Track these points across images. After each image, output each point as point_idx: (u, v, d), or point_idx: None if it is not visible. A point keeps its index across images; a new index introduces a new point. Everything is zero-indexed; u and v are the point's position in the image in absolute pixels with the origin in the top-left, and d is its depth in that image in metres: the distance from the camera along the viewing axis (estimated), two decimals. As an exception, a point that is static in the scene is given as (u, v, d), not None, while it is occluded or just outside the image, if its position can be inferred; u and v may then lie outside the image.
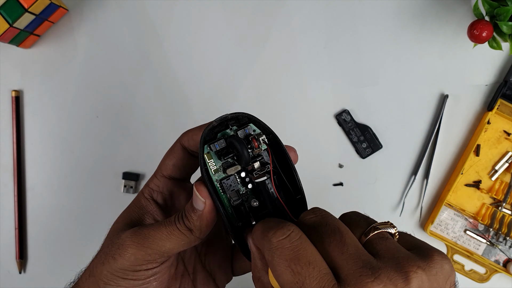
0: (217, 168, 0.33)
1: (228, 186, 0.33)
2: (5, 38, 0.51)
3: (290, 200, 0.35)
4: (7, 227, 0.57)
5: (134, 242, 0.32)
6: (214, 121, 0.33)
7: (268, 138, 0.34)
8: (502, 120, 0.55)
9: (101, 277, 0.33)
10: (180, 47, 0.57)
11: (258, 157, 0.34)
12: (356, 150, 0.56)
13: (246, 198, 0.34)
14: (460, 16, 0.55)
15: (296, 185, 0.35)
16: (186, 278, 0.37)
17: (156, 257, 0.33)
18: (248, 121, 0.34)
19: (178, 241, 0.32)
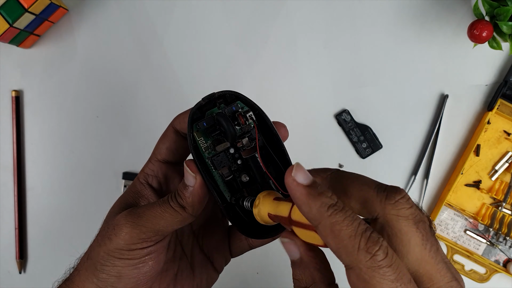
0: (207, 146, 0.34)
1: (219, 162, 0.34)
2: (5, 38, 0.51)
3: (280, 175, 0.35)
4: (7, 227, 0.57)
5: (129, 221, 0.33)
6: (201, 100, 0.34)
7: (255, 114, 0.35)
8: (502, 120, 0.55)
9: (98, 259, 0.33)
10: (180, 47, 0.57)
11: (247, 134, 0.34)
12: (356, 150, 0.56)
13: (238, 174, 0.35)
14: (460, 16, 0.55)
15: (285, 160, 0.35)
16: (184, 261, 0.38)
17: (150, 235, 0.33)
18: (236, 99, 0.35)
19: (172, 218, 0.33)
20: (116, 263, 0.33)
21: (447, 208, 0.55)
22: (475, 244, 0.56)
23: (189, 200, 0.33)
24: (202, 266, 0.38)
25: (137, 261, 0.33)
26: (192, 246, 0.39)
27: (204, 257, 0.39)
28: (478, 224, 0.55)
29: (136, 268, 0.33)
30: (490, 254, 0.55)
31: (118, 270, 0.33)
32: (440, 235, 0.56)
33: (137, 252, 0.33)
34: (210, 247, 0.39)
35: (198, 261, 0.38)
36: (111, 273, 0.33)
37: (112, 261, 0.33)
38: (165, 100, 0.57)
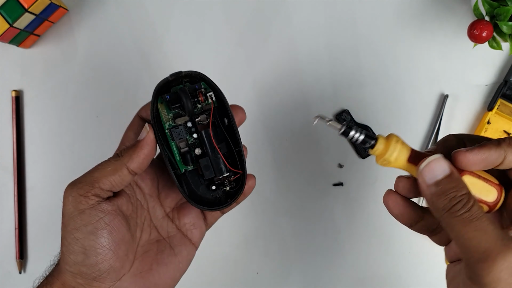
0: (168, 118, 0.38)
1: (176, 134, 0.38)
2: (5, 38, 0.51)
3: (230, 152, 0.39)
4: (7, 227, 0.57)
5: (68, 186, 0.35)
6: (169, 76, 0.38)
7: (216, 96, 0.38)
8: (502, 120, 0.55)
9: (63, 242, 0.35)
10: (180, 47, 0.57)
11: (205, 112, 0.38)
12: (356, 150, 0.56)
13: (193, 147, 0.39)
14: (460, 16, 0.55)
15: (236, 139, 0.38)
16: (163, 242, 0.40)
17: (88, 188, 0.34)
18: (200, 80, 0.38)
19: (104, 168, 0.35)
20: (76, 235, 0.34)
21: (447, 208, 0.55)
22: (475, 244, 0.55)
23: (129, 150, 0.35)
24: (181, 244, 0.40)
25: (92, 227, 0.34)
26: (167, 227, 0.40)
27: (181, 236, 0.40)
28: (478, 224, 0.55)
29: (95, 236, 0.34)
30: (490, 254, 0.55)
31: (82, 244, 0.34)
32: (440, 235, 0.56)
33: (87, 214, 0.34)
34: (188, 225, 0.41)
35: (176, 240, 0.40)
36: (76, 250, 0.34)
37: (72, 235, 0.34)
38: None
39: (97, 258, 0.34)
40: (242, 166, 0.39)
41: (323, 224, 0.57)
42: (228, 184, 0.39)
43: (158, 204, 0.41)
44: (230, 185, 0.39)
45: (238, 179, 0.39)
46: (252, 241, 0.57)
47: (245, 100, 0.57)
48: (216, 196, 0.40)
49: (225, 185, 0.39)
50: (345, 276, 0.57)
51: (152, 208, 0.40)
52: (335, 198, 0.57)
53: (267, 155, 0.57)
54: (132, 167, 0.35)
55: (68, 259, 0.34)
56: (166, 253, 0.39)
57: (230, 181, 0.39)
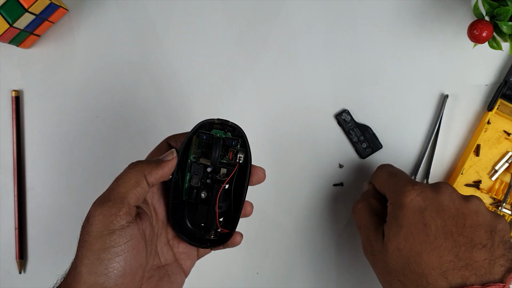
0: (196, 151, 0.41)
1: (195, 169, 0.41)
2: (5, 38, 0.51)
3: (228, 212, 0.42)
4: (7, 227, 0.57)
5: (96, 205, 0.35)
6: (216, 119, 0.40)
7: (244, 159, 0.41)
8: (502, 120, 0.55)
9: (83, 262, 0.33)
10: (180, 47, 0.57)
11: (229, 166, 0.41)
12: (356, 150, 0.57)
13: (202, 188, 0.41)
14: (460, 16, 0.55)
15: (239, 201, 0.41)
16: (162, 269, 0.41)
17: (119, 207, 0.34)
18: (240, 137, 0.41)
19: (126, 181, 0.36)
20: (102, 256, 0.33)
21: (447, 208, 0.55)
22: (475, 244, 0.56)
23: (151, 164, 0.37)
24: (176, 273, 0.41)
25: (120, 249, 0.33)
26: (167, 255, 0.42)
27: (177, 264, 0.42)
28: (478, 224, 0.55)
29: (120, 259, 0.33)
30: (490, 254, 0.55)
31: (106, 266, 0.33)
32: (440, 235, 0.56)
33: (118, 234, 0.34)
34: (182, 255, 0.42)
35: (173, 268, 0.41)
36: (99, 271, 0.33)
37: (98, 255, 0.33)
38: (165, 100, 0.57)
39: (117, 281, 0.33)
40: (232, 227, 0.41)
41: (323, 224, 0.57)
42: (213, 235, 0.42)
43: (165, 231, 0.42)
44: (214, 236, 0.42)
45: (223, 234, 0.42)
46: (252, 241, 0.57)
47: (245, 100, 0.57)
48: (200, 233, 0.42)
49: (209, 234, 0.42)
50: (345, 276, 0.57)
51: (160, 234, 0.41)
52: (335, 198, 0.57)
53: (267, 155, 0.57)
54: (150, 180, 0.37)
55: (87, 279, 0.33)
56: (165, 280, 0.40)
57: (216, 233, 0.42)
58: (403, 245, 0.40)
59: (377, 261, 0.43)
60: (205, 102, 0.57)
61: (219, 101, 0.57)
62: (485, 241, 0.39)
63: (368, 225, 0.45)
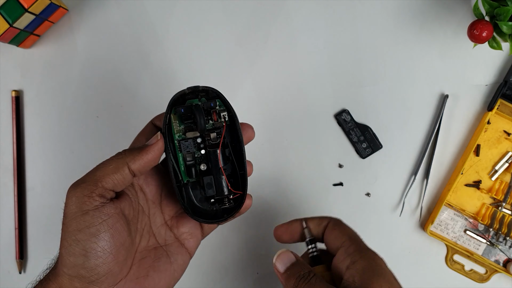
0: (179, 129, 0.39)
1: (185, 146, 0.39)
2: (5, 38, 0.51)
3: (234, 174, 0.40)
4: (7, 227, 0.57)
5: (71, 187, 0.35)
6: (186, 89, 0.39)
7: (229, 116, 0.39)
8: (502, 120, 0.55)
9: (63, 244, 0.34)
10: (180, 47, 0.57)
11: (216, 129, 0.40)
12: (356, 150, 0.56)
13: (199, 162, 0.40)
14: (460, 16, 0.55)
15: (242, 161, 0.39)
16: (160, 249, 0.40)
17: (92, 188, 0.34)
18: (216, 97, 0.39)
19: (106, 166, 0.35)
20: (78, 236, 0.34)
21: (447, 208, 0.56)
22: (475, 244, 0.56)
23: (134, 151, 0.36)
24: (177, 253, 0.40)
25: (95, 229, 0.34)
26: (165, 235, 0.41)
27: (178, 244, 0.41)
28: (478, 224, 0.55)
29: (97, 239, 0.34)
30: (490, 254, 0.55)
31: (83, 246, 0.33)
32: (440, 235, 0.56)
33: (91, 215, 0.34)
34: (185, 234, 0.41)
35: (173, 248, 0.40)
36: (77, 252, 0.33)
37: (74, 236, 0.34)
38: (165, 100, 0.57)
39: (97, 261, 0.34)
40: (243, 187, 0.39)
41: (323, 224, 0.57)
42: (227, 202, 0.40)
43: (159, 211, 0.41)
44: (229, 203, 0.40)
45: (237, 198, 0.40)
46: (252, 241, 0.57)
47: (245, 100, 0.57)
48: (213, 209, 0.41)
49: (224, 203, 0.40)
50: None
51: (153, 215, 0.40)
52: (335, 198, 0.57)
53: (267, 155, 0.57)
54: (133, 167, 0.36)
55: (67, 261, 0.34)
56: (162, 260, 0.39)
57: (229, 200, 0.40)
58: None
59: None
60: (205, 102, 0.57)
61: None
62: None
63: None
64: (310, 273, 0.38)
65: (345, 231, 0.41)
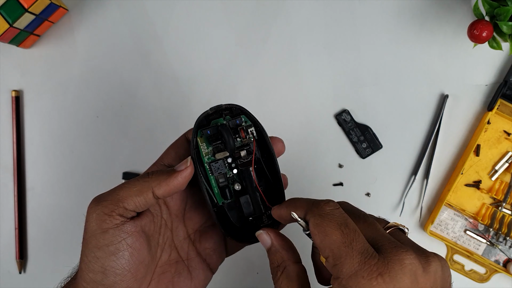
0: (207, 152, 0.38)
1: (216, 168, 0.37)
2: (5, 38, 0.51)
3: (269, 187, 0.39)
4: (7, 227, 0.57)
5: (92, 202, 0.34)
6: (209, 109, 0.38)
7: (256, 130, 0.38)
8: (502, 120, 0.55)
9: (83, 259, 0.34)
10: (180, 47, 0.57)
11: (246, 146, 0.38)
12: (356, 150, 0.56)
13: (232, 182, 0.38)
14: (460, 16, 0.55)
15: (276, 175, 0.39)
16: (181, 264, 0.39)
17: (112, 208, 0.33)
18: (240, 113, 0.38)
19: (130, 188, 0.34)
20: (97, 254, 0.33)
21: (447, 208, 0.56)
22: (475, 244, 0.56)
23: (161, 176, 0.35)
24: (199, 268, 0.39)
25: (114, 247, 0.33)
26: (188, 249, 0.39)
27: (200, 259, 0.40)
28: (478, 224, 0.55)
29: (116, 257, 0.33)
30: (490, 254, 0.55)
31: (102, 263, 0.33)
32: (440, 235, 0.56)
33: (111, 233, 0.33)
34: (208, 250, 0.40)
35: (195, 263, 0.39)
36: (96, 268, 0.33)
37: (93, 253, 0.33)
38: (165, 100, 0.57)
39: (116, 278, 0.33)
40: (282, 200, 0.38)
41: (323, 224, 0.57)
42: (266, 219, 0.39)
43: (182, 225, 0.40)
44: (268, 220, 0.39)
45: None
46: (252, 241, 0.57)
47: (245, 100, 0.57)
48: (251, 228, 0.39)
49: (263, 221, 0.39)
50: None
51: (176, 228, 0.39)
52: (335, 198, 0.57)
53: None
54: (157, 192, 0.35)
55: (86, 277, 0.33)
56: (183, 276, 0.38)
57: (268, 217, 0.39)
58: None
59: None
60: (204, 102, 0.57)
61: (219, 101, 0.57)
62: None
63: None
64: (279, 267, 0.34)
65: (326, 240, 0.30)
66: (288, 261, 0.35)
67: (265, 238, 0.36)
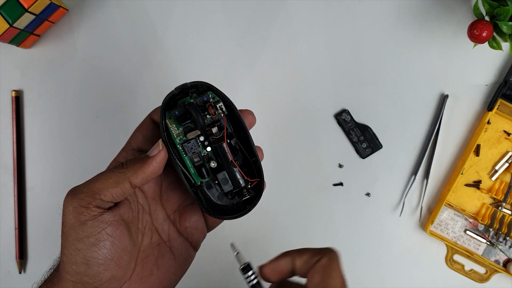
0: (178, 132, 0.37)
1: (189, 148, 0.37)
2: (5, 38, 0.51)
3: (247, 162, 0.39)
4: (7, 227, 0.57)
5: (68, 195, 0.34)
6: (174, 89, 0.37)
7: (225, 105, 0.37)
8: (502, 120, 0.55)
9: (64, 252, 0.34)
10: (180, 47, 0.57)
11: (217, 122, 0.37)
12: (356, 150, 0.56)
13: (208, 160, 0.38)
14: (460, 16, 0.55)
15: (250, 148, 0.38)
16: (163, 245, 0.39)
17: (89, 200, 0.33)
18: (207, 90, 0.37)
19: (106, 179, 0.34)
20: (77, 246, 0.33)
21: (447, 208, 0.56)
22: (475, 244, 0.56)
23: (137, 164, 0.34)
24: (181, 247, 0.39)
25: (95, 238, 0.33)
26: (169, 230, 0.40)
27: (182, 239, 0.40)
28: (478, 224, 0.55)
29: (98, 248, 0.33)
30: (490, 254, 0.55)
31: (84, 255, 0.33)
32: (440, 235, 0.56)
33: (90, 225, 0.33)
34: (189, 229, 0.40)
35: (177, 243, 0.39)
36: (78, 260, 0.33)
37: (74, 245, 0.33)
38: (165, 100, 0.57)
39: (99, 268, 0.33)
40: (259, 174, 0.38)
41: (323, 224, 0.57)
42: (247, 193, 0.39)
43: (160, 207, 0.40)
44: (249, 193, 0.39)
45: (255, 186, 0.39)
46: (252, 241, 0.57)
47: (245, 100, 0.57)
48: (234, 203, 0.39)
49: (243, 194, 0.39)
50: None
51: (154, 211, 0.39)
52: (335, 198, 0.57)
53: (267, 155, 0.57)
54: (135, 182, 0.34)
55: (69, 269, 0.34)
56: (166, 257, 0.38)
57: (249, 190, 0.39)
58: None
59: None
60: (205, 102, 0.57)
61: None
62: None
63: None
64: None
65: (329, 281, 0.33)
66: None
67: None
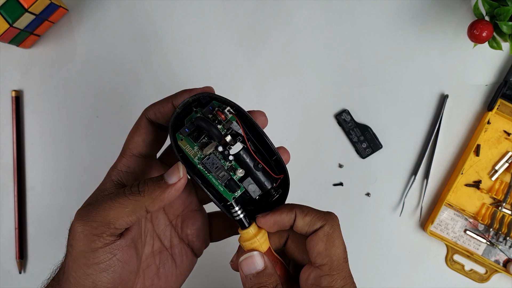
0: (195, 152, 0.34)
1: (211, 164, 0.34)
2: (5, 38, 0.51)
3: (267, 162, 0.36)
4: (7, 227, 0.57)
5: (79, 220, 0.32)
6: (177, 109, 0.34)
7: (233, 109, 0.35)
8: (502, 120, 0.55)
9: (71, 274, 0.32)
10: (180, 47, 0.57)
11: (228, 130, 0.34)
12: (356, 150, 0.56)
13: (234, 172, 0.35)
14: (460, 16, 0.55)
15: (269, 148, 0.35)
16: (165, 253, 0.38)
17: (103, 229, 0.31)
18: (210, 100, 0.35)
19: (122, 208, 0.31)
20: (87, 271, 0.32)
21: (447, 208, 0.56)
22: (475, 244, 0.56)
23: (154, 192, 0.32)
24: (183, 254, 0.38)
25: (105, 265, 0.32)
26: (170, 236, 0.38)
27: (184, 246, 0.39)
28: (478, 224, 0.55)
29: (107, 273, 0.32)
30: (490, 254, 0.55)
31: (93, 280, 0.32)
32: (440, 235, 0.56)
33: (101, 252, 0.31)
34: (191, 236, 0.39)
35: (178, 249, 0.38)
36: (86, 284, 0.32)
37: (83, 270, 0.32)
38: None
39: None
40: (283, 170, 0.36)
41: (323, 224, 0.57)
42: (275, 193, 0.36)
43: (162, 213, 0.38)
44: (277, 193, 0.36)
45: (280, 183, 0.37)
46: (252, 241, 0.57)
47: (245, 100, 0.57)
48: (262, 204, 0.37)
49: (272, 195, 0.36)
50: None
51: (156, 218, 0.38)
52: (335, 198, 0.57)
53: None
54: (151, 209, 0.32)
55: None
56: (168, 265, 0.37)
57: (276, 189, 0.36)
58: None
59: None
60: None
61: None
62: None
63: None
64: (277, 285, 0.34)
65: (332, 250, 0.34)
66: (280, 284, 0.34)
67: (257, 261, 0.34)
